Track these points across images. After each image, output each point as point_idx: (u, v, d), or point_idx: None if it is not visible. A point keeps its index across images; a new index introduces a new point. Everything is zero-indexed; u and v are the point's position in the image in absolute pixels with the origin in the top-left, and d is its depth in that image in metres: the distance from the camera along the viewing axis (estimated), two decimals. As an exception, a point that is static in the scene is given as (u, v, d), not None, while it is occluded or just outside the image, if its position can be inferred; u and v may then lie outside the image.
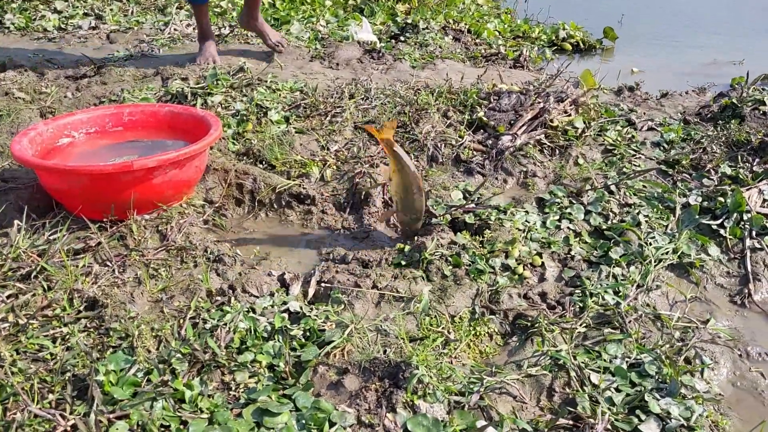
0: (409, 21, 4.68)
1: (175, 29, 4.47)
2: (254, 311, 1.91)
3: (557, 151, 2.78)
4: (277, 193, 2.59)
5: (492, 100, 3.14)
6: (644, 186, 2.53)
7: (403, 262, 2.14)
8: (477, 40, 4.63)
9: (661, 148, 2.82)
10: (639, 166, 2.67)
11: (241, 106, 3.10)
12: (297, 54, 4.04)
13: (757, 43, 5.67)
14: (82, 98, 3.39)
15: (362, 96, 3.31)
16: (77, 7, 4.83)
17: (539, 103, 3.01)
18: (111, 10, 4.87)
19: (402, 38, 4.53)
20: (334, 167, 2.72)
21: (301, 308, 1.91)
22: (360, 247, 2.35)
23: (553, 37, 5.00)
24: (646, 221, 2.32)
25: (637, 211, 2.37)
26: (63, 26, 4.53)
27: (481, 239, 2.22)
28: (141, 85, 3.51)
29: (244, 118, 3.04)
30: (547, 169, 2.70)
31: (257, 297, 2.01)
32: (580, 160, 2.72)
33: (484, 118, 2.93)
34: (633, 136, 2.89)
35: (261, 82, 3.45)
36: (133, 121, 2.74)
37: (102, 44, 4.31)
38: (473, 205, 2.40)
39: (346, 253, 2.26)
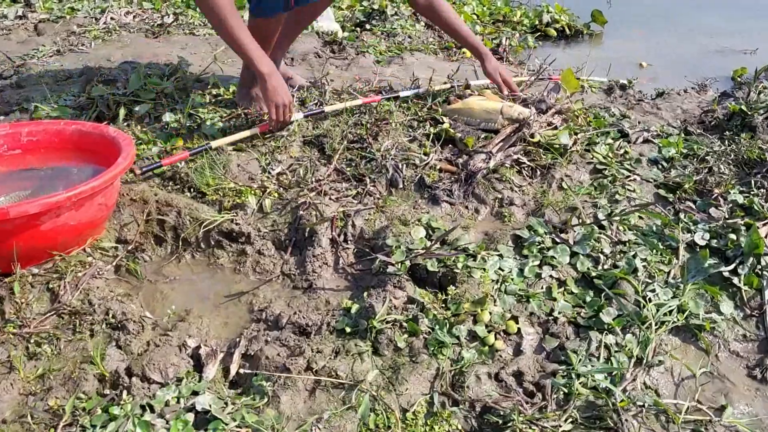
0: (376, 6, 4.20)
1: (111, 18, 3.97)
2: (152, 409, 1.51)
3: (538, 172, 2.36)
4: (205, 229, 2.16)
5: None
6: (640, 217, 2.13)
7: (348, 329, 1.73)
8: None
9: (660, 166, 2.41)
10: (634, 191, 2.26)
11: (170, 117, 2.65)
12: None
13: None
14: (-9, 106, 2.92)
15: (315, 101, 2.86)
16: (3, -8, 4.31)
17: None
18: (43, -5, 4.35)
19: (368, 26, 4.06)
20: (275, 195, 2.29)
21: (211, 406, 1.50)
22: (300, 302, 1.94)
23: (537, 22, 4.54)
24: (644, 266, 1.92)
25: (632, 252, 1.96)
26: (-15, 15, 4.02)
27: (444, 297, 1.81)
28: (61, 89, 3.04)
29: (174, 132, 2.59)
30: (526, 195, 2.28)
31: (160, 385, 1.60)
32: (566, 183, 2.31)
33: (451, 130, 2.50)
34: (626, 152, 2.47)
35: (198, 86, 2.99)
36: (33, 143, 2.28)
37: (28, 36, 3.82)
38: (437, 247, 1.98)
39: (281, 314, 1.85)
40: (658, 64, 3.95)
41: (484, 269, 1.90)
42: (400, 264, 1.94)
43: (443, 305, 1.80)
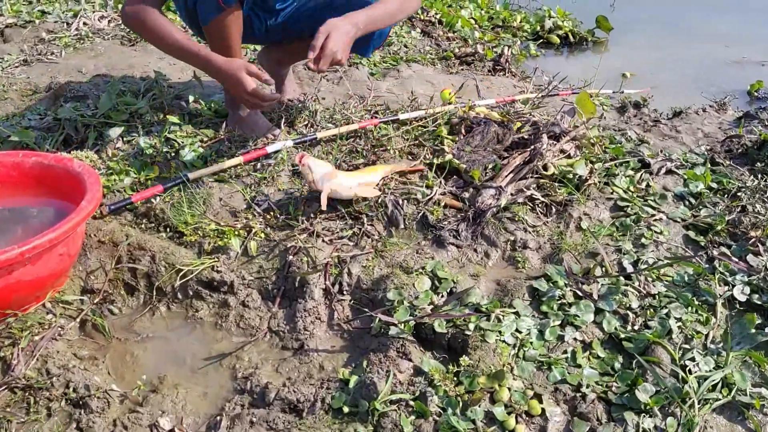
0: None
1: (84, 23, 3.69)
2: None
3: (554, 209, 2.14)
4: (182, 277, 1.91)
5: (464, 131, 2.48)
6: (670, 263, 1.91)
7: (346, 409, 1.50)
8: (450, 34, 3.93)
9: (687, 203, 2.19)
10: (661, 232, 2.04)
11: (145, 142, 2.39)
12: (230, 58, 3.30)
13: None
14: (-52, 125, 2.65)
15: (306, 123, 2.62)
16: (-32, -7, 4.00)
17: (526, 138, 2.36)
18: (12, -5, 4.05)
19: (361, 33, 3.81)
20: (262, 236, 2.05)
21: None
22: (290, 366, 1.71)
23: (538, 28, 4.30)
24: (679, 327, 1.70)
25: (665, 310, 1.75)
26: (-52, 19, 3.72)
27: (456, 368, 1.58)
28: (27, 106, 2.77)
29: (149, 160, 2.34)
30: (541, 236, 2.05)
31: (126, 486, 1.37)
32: (584, 223, 2.08)
33: (456, 161, 2.27)
34: (649, 185, 2.25)
35: (177, 103, 2.73)
36: (-12, 177, 2.03)
37: (-7, 43, 3.53)
38: (445, 304, 1.75)
39: (269, 385, 1.62)
40: (668, 76, 3.73)
41: (500, 331, 1.68)
42: (403, 324, 1.71)
43: (455, 378, 1.57)
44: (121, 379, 1.68)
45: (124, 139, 2.46)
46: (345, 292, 1.91)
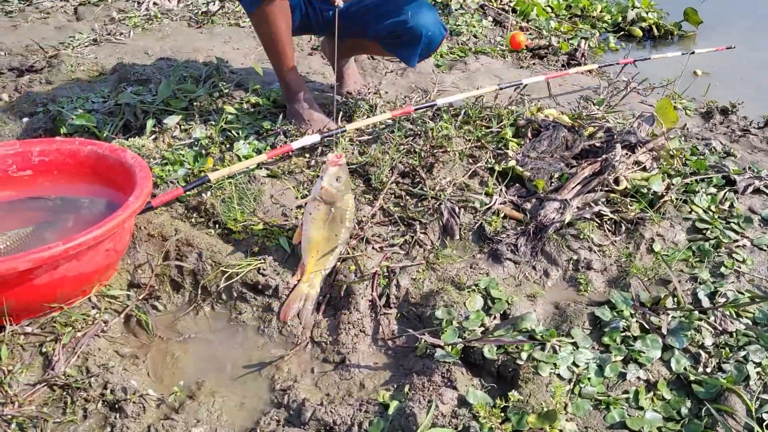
0: (440, 0, 3.79)
1: (154, 3, 3.69)
2: None
3: (623, 228, 1.97)
4: (228, 278, 1.87)
5: (530, 134, 2.33)
6: (750, 297, 1.73)
7: (384, 436, 1.42)
8: (523, 23, 3.73)
9: (775, 228, 1.99)
10: (744, 261, 1.85)
11: (201, 132, 2.36)
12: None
13: None
14: (17, 104, 2.70)
15: (363, 116, 2.52)
16: (47, -30, 4.07)
17: (597, 146, 2.20)
18: (87, -27, 4.10)
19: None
20: (311, 238, 1.98)
21: None
22: (329, 382, 1.64)
23: (620, 19, 4.03)
24: (758, 373, 1.53)
25: (743, 352, 1.58)
26: (27, -4, 3.80)
27: (504, 403, 1.47)
28: (92, 88, 2.79)
29: (203, 151, 2.30)
30: (607, 257, 1.90)
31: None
32: (657, 245, 1.92)
33: (519, 168, 2.13)
34: (733, 205, 2.05)
35: (236, 90, 2.69)
36: (45, 163, 2.04)
37: (67, 21, 3.59)
38: (497, 327, 1.64)
39: (306, 402, 1.55)
40: (763, 78, 3.42)
41: (555, 364, 1.55)
42: (450, 347, 1.61)
43: (502, 414, 1.46)
44: (160, 381, 1.66)
45: (182, 127, 2.44)
46: (392, 305, 1.82)
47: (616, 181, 2.03)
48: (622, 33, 3.99)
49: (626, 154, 2.11)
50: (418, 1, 2.29)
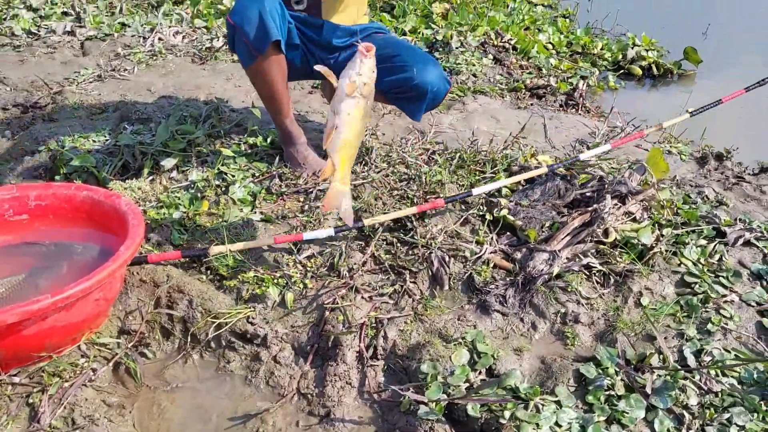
0: (440, 37, 3.83)
1: (159, 38, 3.76)
2: None
3: (612, 280, 1.98)
4: (217, 327, 1.88)
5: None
6: (736, 355, 1.73)
7: (363, 498, 1.43)
8: (524, 62, 3.76)
9: (764, 283, 1.98)
10: (731, 318, 1.85)
11: (197, 175, 2.39)
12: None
13: None
14: (20, 142, 2.75)
15: (359, 160, 2.55)
16: (56, 4, 4.15)
17: (588, 195, 2.21)
18: (96, 7, 4.18)
19: (430, 58, 3.71)
20: (300, 285, 1.99)
21: None
22: (313, 437, 1.65)
23: (620, 56, 4.06)
24: (742, 437, 1.53)
25: (726, 414, 1.57)
26: (35, 29, 3.87)
27: (484, 464, 1.48)
28: (93, 126, 2.83)
29: (199, 194, 2.33)
30: (595, 311, 1.91)
31: None
32: (645, 299, 1.92)
33: (510, 218, 2.14)
34: (722, 257, 2.05)
35: (235, 130, 2.72)
36: (42, 207, 2.07)
37: (73, 56, 3.65)
38: (481, 386, 1.65)
39: (288, 458, 1.56)
40: (762, 122, 3.41)
41: (537, 423, 1.55)
42: (434, 404, 1.61)
43: (482, 476, 1.46)
44: (146, 431, 1.67)
45: (179, 168, 2.47)
46: (379, 357, 1.83)
47: (606, 233, 2.04)
48: (621, 71, 4.01)
49: (616, 204, 2.12)
50: (423, 57, 2.33)
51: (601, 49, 4.12)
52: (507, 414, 1.57)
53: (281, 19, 2.16)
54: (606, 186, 2.20)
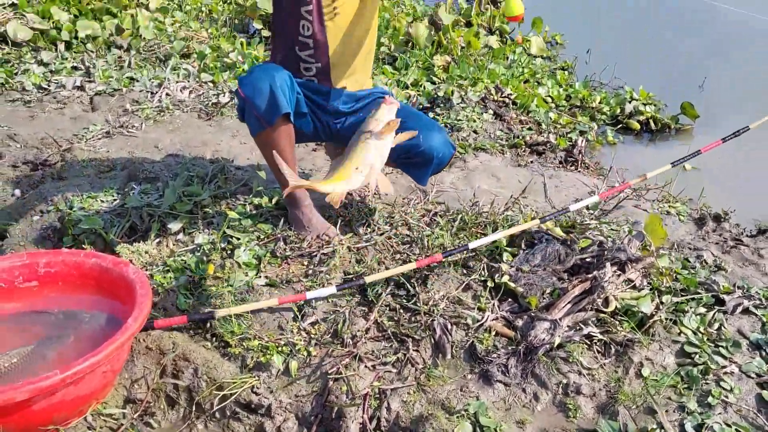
0: (442, 93, 3.91)
1: (167, 94, 3.84)
2: None
3: (613, 350, 2.00)
4: (222, 399, 1.90)
5: (524, 245, 2.38)
6: (737, 430, 1.74)
7: None
8: (523, 116, 3.84)
9: (764, 354, 2.00)
10: (731, 390, 1.86)
11: (203, 239, 2.43)
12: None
13: None
14: (29, 201, 2.80)
15: (363, 221, 2.59)
16: (66, 58, 4.25)
17: (588, 261, 2.24)
18: (105, 62, 4.28)
19: (431, 114, 3.78)
20: (304, 353, 2.02)
21: None
22: None
23: (618, 111, 4.14)
24: None
25: (728, 493, 1.58)
26: (45, 84, 3.97)
27: None
28: (102, 185, 2.88)
29: (205, 257, 2.37)
30: (596, 381, 1.92)
31: None
32: (646, 369, 1.94)
33: (511, 284, 2.17)
34: (721, 326, 2.08)
35: (241, 190, 2.77)
36: (51, 274, 2.11)
37: (82, 111, 3.73)
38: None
39: None
40: (760, 181, 3.45)
41: (539, 503, 1.56)
42: (437, 481, 1.62)
43: None
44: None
45: (186, 230, 2.52)
46: (383, 429, 1.84)
47: (606, 302, 2.07)
48: (620, 125, 4.09)
49: (616, 272, 2.15)
50: (429, 123, 2.40)
51: (600, 102, 4.21)
52: (510, 492, 1.58)
53: (291, 91, 2.23)
54: (606, 252, 2.24)
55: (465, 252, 2.29)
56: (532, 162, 3.34)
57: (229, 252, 2.40)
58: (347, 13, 2.30)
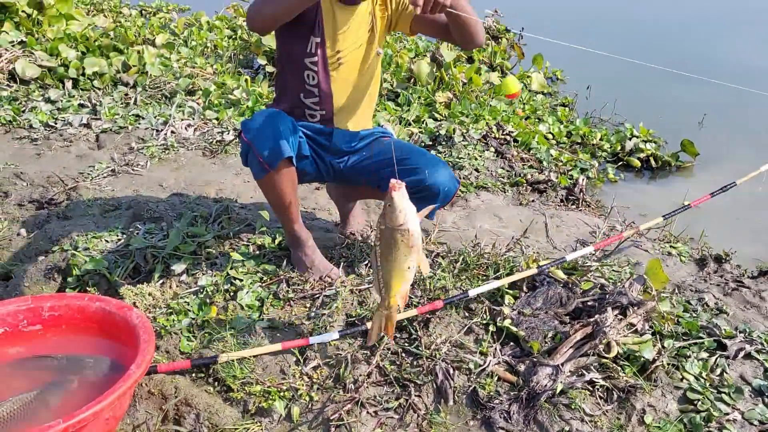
0: (444, 132, 3.96)
1: (172, 131, 3.89)
2: None
3: (615, 396, 2.00)
4: (223, 445, 1.90)
5: (526, 288, 2.39)
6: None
7: None
8: (524, 154, 3.88)
9: (766, 400, 2.00)
10: (734, 439, 1.86)
11: (206, 281, 2.45)
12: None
13: None
14: (33, 241, 2.82)
15: (365, 262, 2.60)
16: (73, 96, 4.32)
17: (590, 304, 2.25)
18: (112, 99, 4.35)
19: (433, 151, 3.82)
20: (306, 398, 2.02)
21: None
22: None
23: (619, 148, 4.18)
24: None
25: None
26: (52, 122, 4.02)
27: None
28: (106, 224, 2.91)
29: (208, 300, 2.38)
30: (599, 428, 1.92)
31: None
32: (648, 416, 1.93)
33: (513, 328, 2.18)
34: (723, 372, 2.08)
35: (245, 229, 2.79)
36: (55, 318, 2.12)
37: (88, 149, 3.77)
38: None
39: None
40: (762, 218, 3.46)
41: None
42: None
43: None
44: None
45: (189, 272, 2.53)
46: (384, 478, 1.84)
47: (608, 347, 2.07)
48: (620, 163, 4.12)
49: (618, 316, 2.16)
50: (433, 159, 2.43)
51: (600, 139, 4.25)
52: None
53: (293, 136, 2.26)
54: (607, 296, 2.24)
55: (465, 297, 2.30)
56: (533, 201, 3.36)
57: (232, 294, 2.42)
58: (351, 62, 2.35)
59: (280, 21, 2.17)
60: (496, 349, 2.17)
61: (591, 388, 2.01)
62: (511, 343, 2.20)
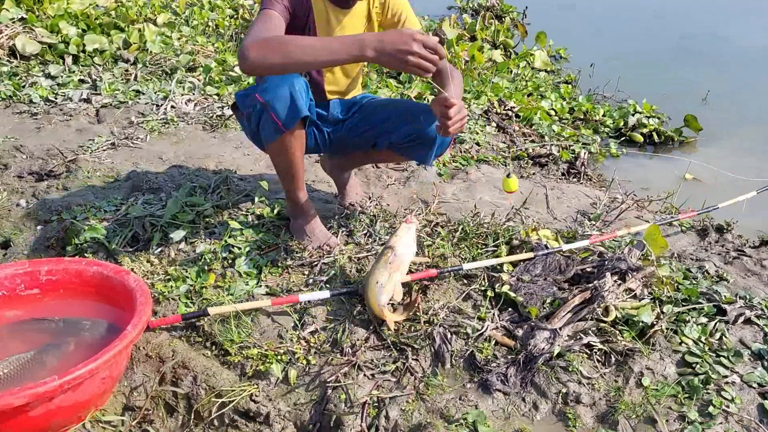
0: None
1: (172, 106, 3.88)
2: None
3: (613, 359, 1.99)
4: (221, 404, 1.90)
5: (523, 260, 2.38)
6: (740, 441, 1.72)
7: None
8: (526, 129, 3.85)
9: (766, 363, 1.98)
10: (732, 400, 1.85)
11: (204, 248, 2.44)
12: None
13: None
14: (33, 211, 2.82)
15: (364, 231, 2.60)
16: (73, 72, 4.31)
17: (589, 270, 2.24)
18: (112, 75, 4.33)
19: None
20: (303, 362, 2.02)
21: None
22: None
23: (621, 124, 4.15)
24: None
25: (729, 504, 1.56)
26: (52, 97, 4.01)
27: None
28: (105, 195, 2.91)
29: (206, 267, 2.38)
30: (596, 391, 1.91)
31: None
32: (646, 379, 1.92)
33: (511, 294, 2.17)
34: (723, 336, 2.06)
35: (243, 200, 2.79)
36: (52, 282, 2.12)
37: (88, 123, 3.77)
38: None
39: None
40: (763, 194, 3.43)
41: None
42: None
43: None
44: None
45: (187, 240, 2.53)
46: (381, 437, 1.83)
47: (606, 311, 2.06)
48: (623, 138, 4.09)
49: (616, 281, 2.15)
50: (427, 107, 2.40)
51: (603, 115, 4.21)
52: (507, 501, 1.57)
53: (306, 96, 2.21)
54: (606, 262, 2.23)
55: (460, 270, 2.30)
56: (534, 174, 3.35)
57: (230, 261, 2.41)
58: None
59: (289, 72, 2.00)
60: (494, 314, 2.16)
61: (589, 352, 2.01)
62: (510, 309, 2.19)
